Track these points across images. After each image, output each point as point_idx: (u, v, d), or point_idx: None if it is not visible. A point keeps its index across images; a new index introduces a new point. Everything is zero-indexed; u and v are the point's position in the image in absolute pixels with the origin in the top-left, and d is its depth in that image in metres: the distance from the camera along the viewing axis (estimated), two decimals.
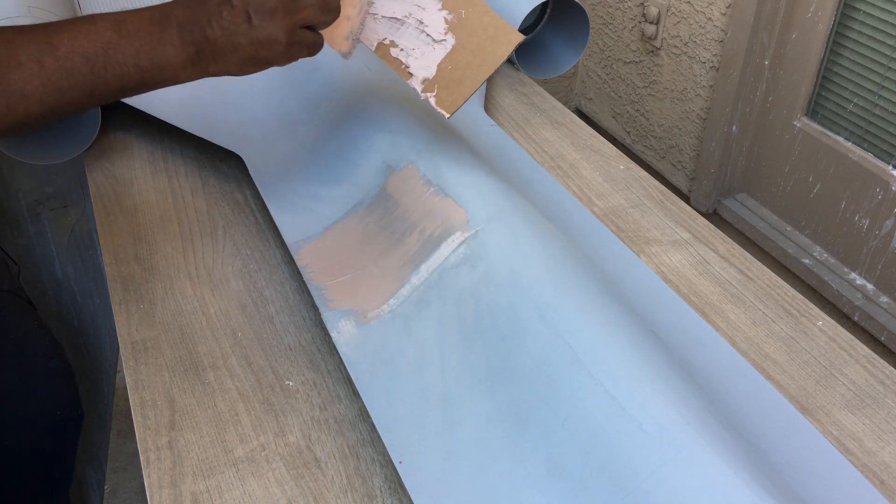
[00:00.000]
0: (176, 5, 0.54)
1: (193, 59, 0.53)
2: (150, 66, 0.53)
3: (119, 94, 0.54)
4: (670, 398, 0.48)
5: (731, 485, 0.44)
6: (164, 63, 0.53)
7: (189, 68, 0.54)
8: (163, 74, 0.54)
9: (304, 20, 0.54)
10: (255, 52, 0.53)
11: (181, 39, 0.53)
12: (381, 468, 0.57)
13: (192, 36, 0.53)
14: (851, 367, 0.64)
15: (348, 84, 0.77)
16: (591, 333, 0.52)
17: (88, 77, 0.52)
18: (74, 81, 0.52)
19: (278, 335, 0.67)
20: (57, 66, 0.51)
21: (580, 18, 1.01)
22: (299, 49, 0.55)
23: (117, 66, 0.52)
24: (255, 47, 0.53)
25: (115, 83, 0.53)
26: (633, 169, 0.87)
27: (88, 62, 0.52)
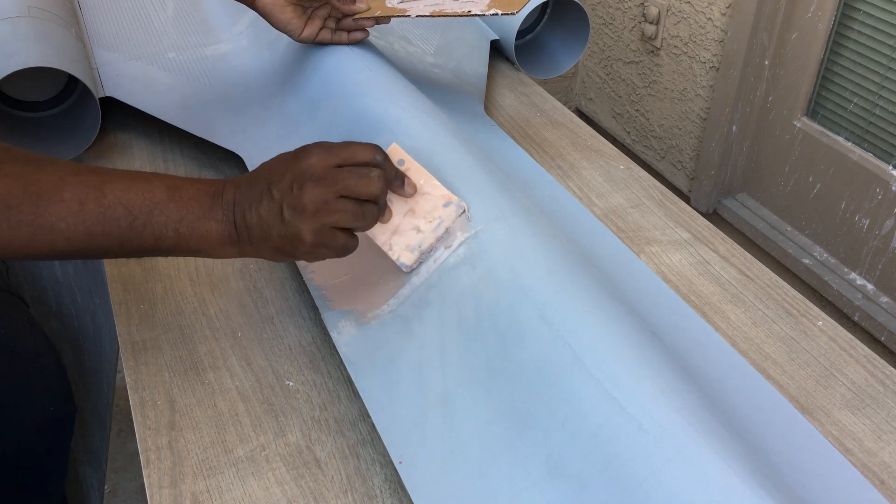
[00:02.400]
0: (230, 185, 0.54)
1: (232, 239, 0.54)
2: (189, 235, 0.53)
3: (150, 252, 0.53)
4: (670, 398, 0.48)
5: (731, 485, 0.44)
6: (204, 236, 0.53)
7: (227, 246, 0.54)
8: (199, 244, 0.54)
9: (335, 223, 0.53)
10: (282, 246, 0.54)
11: (225, 218, 0.53)
12: (381, 468, 0.57)
13: (233, 217, 0.53)
14: (851, 367, 0.64)
15: (348, 84, 0.77)
16: (591, 333, 0.52)
17: (125, 230, 0.52)
18: (109, 231, 0.51)
19: (278, 335, 0.67)
20: (98, 212, 0.51)
21: (580, 18, 1.01)
22: (326, 250, 0.54)
23: (157, 227, 0.52)
24: (283, 241, 0.53)
25: (149, 242, 0.53)
26: (633, 169, 0.87)
27: (130, 216, 0.52)
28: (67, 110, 0.90)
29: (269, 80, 0.87)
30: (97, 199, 0.51)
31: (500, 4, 0.77)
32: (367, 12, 0.80)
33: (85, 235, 0.51)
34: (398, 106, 0.72)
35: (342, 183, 0.53)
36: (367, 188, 0.54)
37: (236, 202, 0.54)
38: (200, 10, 1.04)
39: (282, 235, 0.53)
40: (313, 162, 0.53)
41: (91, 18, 1.00)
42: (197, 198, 0.53)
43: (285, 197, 0.53)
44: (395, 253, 0.59)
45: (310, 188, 0.52)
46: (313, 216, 0.52)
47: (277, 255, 0.55)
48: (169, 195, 0.53)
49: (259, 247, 0.54)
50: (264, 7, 0.77)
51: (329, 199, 0.53)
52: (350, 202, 0.53)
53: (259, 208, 0.53)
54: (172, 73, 0.92)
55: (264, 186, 0.53)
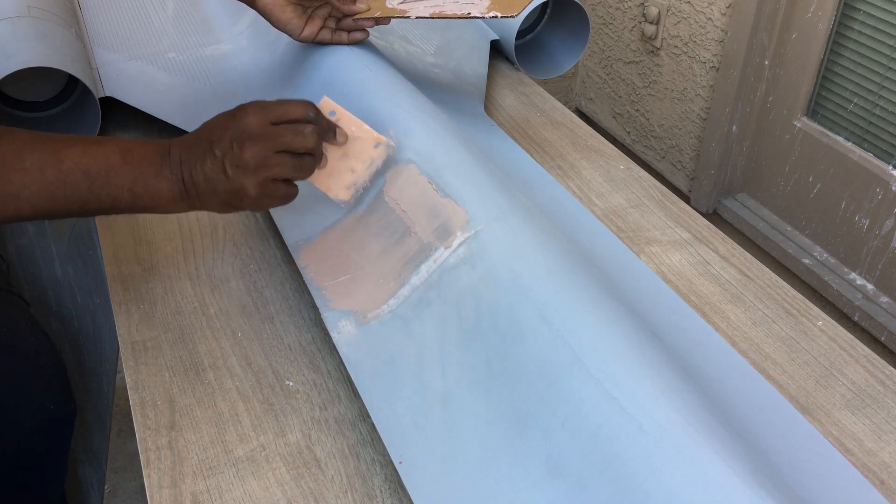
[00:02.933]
0: (176, 144, 0.58)
1: (182, 195, 0.58)
2: (143, 194, 0.57)
3: (108, 211, 0.57)
4: (670, 398, 0.48)
5: (731, 485, 0.44)
6: (157, 193, 0.57)
7: (178, 202, 0.58)
8: (153, 202, 0.58)
9: (275, 175, 0.57)
10: (229, 199, 0.58)
11: (173, 175, 0.57)
12: (381, 468, 0.57)
13: (181, 175, 0.57)
14: (851, 367, 0.64)
15: (348, 84, 0.77)
16: (591, 333, 0.52)
17: (85, 193, 0.55)
18: (70, 194, 0.55)
19: (278, 335, 0.67)
20: (58, 177, 0.54)
21: (580, 18, 1.01)
22: (269, 200, 0.59)
23: (114, 188, 0.56)
24: (228, 195, 0.57)
25: (107, 202, 0.56)
26: (633, 169, 0.87)
27: (88, 179, 0.55)
28: (67, 110, 0.90)
29: (269, 80, 0.87)
30: (56, 164, 0.54)
31: (500, 7, 0.77)
32: (367, 13, 0.80)
33: (48, 200, 0.54)
34: (398, 106, 0.72)
35: (279, 139, 0.57)
36: (302, 142, 0.58)
37: (182, 161, 0.57)
38: (200, 10, 1.04)
39: (227, 190, 0.57)
40: (250, 121, 0.57)
41: (91, 18, 1.00)
42: (148, 158, 0.57)
43: (227, 154, 0.56)
44: (332, 192, 0.64)
45: (249, 146, 0.56)
46: (255, 171, 0.56)
47: (224, 207, 0.59)
48: (123, 157, 0.56)
49: (207, 201, 0.58)
50: (264, 6, 0.77)
51: (268, 155, 0.57)
52: (288, 156, 0.58)
53: (203, 166, 0.57)
54: (172, 73, 0.92)
55: (206, 145, 0.57)
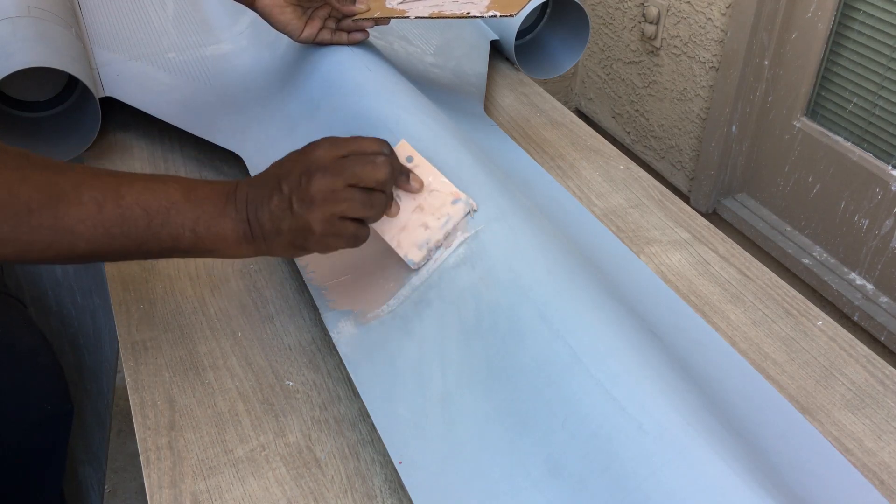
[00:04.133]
0: (243, 184, 0.55)
1: (246, 237, 0.55)
2: (206, 235, 0.54)
3: (168, 252, 0.54)
4: (670, 398, 0.48)
5: (731, 485, 0.44)
6: (220, 234, 0.54)
7: (242, 245, 0.55)
8: (214, 244, 0.54)
9: (343, 212, 0.54)
10: (293, 239, 0.54)
11: (238, 216, 0.54)
12: (381, 468, 0.57)
13: (247, 215, 0.54)
14: (851, 367, 0.64)
15: (348, 84, 0.77)
16: (591, 333, 0.52)
17: (144, 231, 0.52)
18: (128, 231, 0.52)
19: (278, 335, 0.67)
20: (116, 213, 0.52)
21: (580, 18, 1.01)
22: (336, 240, 0.55)
23: (175, 227, 0.53)
24: (293, 234, 0.54)
25: (167, 242, 0.53)
26: (633, 169, 0.87)
27: (148, 216, 0.52)
28: (67, 110, 0.90)
29: (269, 80, 0.87)
30: (115, 200, 0.52)
31: (499, 6, 0.77)
32: (366, 13, 0.80)
33: (104, 237, 0.52)
34: (398, 106, 0.72)
35: (349, 171, 0.53)
36: (373, 174, 0.54)
37: (249, 200, 0.54)
38: (200, 10, 1.04)
39: (292, 228, 0.54)
40: (320, 154, 0.54)
41: (91, 18, 1.00)
42: (211, 198, 0.54)
43: (294, 190, 0.53)
44: (402, 249, 0.59)
45: (317, 179, 0.53)
46: (322, 206, 0.53)
47: (290, 249, 0.55)
48: (184, 196, 0.53)
49: (272, 243, 0.55)
50: (264, 8, 0.77)
51: (336, 189, 0.53)
52: (358, 191, 0.54)
53: (270, 204, 0.54)
54: (172, 73, 0.92)
55: (274, 183, 0.54)
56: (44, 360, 0.85)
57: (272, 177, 0.55)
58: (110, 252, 0.53)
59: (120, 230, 0.52)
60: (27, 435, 0.86)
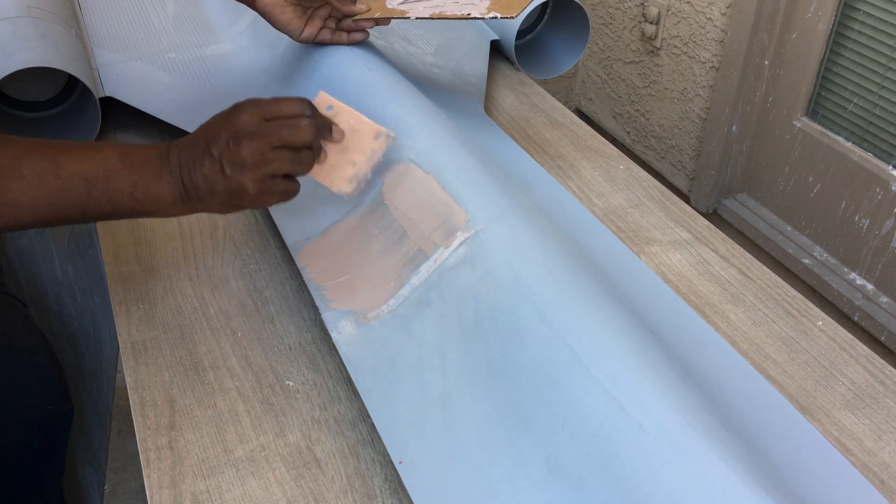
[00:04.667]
0: (175, 147, 0.58)
1: (182, 198, 0.57)
2: (144, 198, 0.56)
3: (108, 216, 0.57)
4: (670, 398, 0.48)
5: (731, 485, 0.44)
6: (157, 197, 0.56)
7: (179, 205, 0.57)
8: (154, 206, 0.57)
9: (274, 171, 0.57)
10: (229, 199, 0.57)
11: (173, 178, 0.57)
12: (381, 468, 0.57)
13: (181, 177, 0.57)
14: (851, 367, 0.64)
15: (348, 84, 0.77)
16: (591, 333, 0.52)
17: (84, 198, 0.55)
18: (70, 200, 0.54)
19: (278, 335, 0.67)
20: (57, 184, 0.54)
21: (580, 18, 1.01)
22: (270, 197, 0.58)
23: (114, 193, 0.55)
24: (228, 194, 0.57)
25: (107, 207, 0.55)
26: (633, 169, 0.87)
27: (87, 185, 0.54)
28: (67, 110, 0.90)
29: (270, 80, 0.87)
30: (54, 171, 0.54)
31: (500, 8, 0.77)
32: (367, 13, 0.80)
33: (47, 207, 0.54)
34: (398, 106, 0.72)
35: (275, 134, 0.56)
36: (298, 136, 0.57)
37: (182, 163, 0.57)
38: (200, 10, 1.04)
39: (226, 190, 0.56)
40: (245, 118, 0.57)
41: (91, 18, 1.00)
42: (147, 162, 0.57)
43: (224, 154, 0.56)
44: (335, 186, 0.63)
45: (246, 143, 0.55)
46: (253, 168, 0.56)
47: (225, 207, 0.58)
48: (121, 162, 0.56)
49: (208, 202, 0.58)
50: (264, 7, 0.77)
51: (265, 151, 0.56)
52: (286, 151, 0.57)
53: (202, 167, 0.56)
54: (172, 73, 0.92)
55: (203, 146, 0.57)
56: (43, 360, 0.85)
57: (201, 140, 0.57)
58: (53, 220, 0.55)
59: (62, 199, 0.54)
60: (27, 435, 0.86)
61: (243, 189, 0.56)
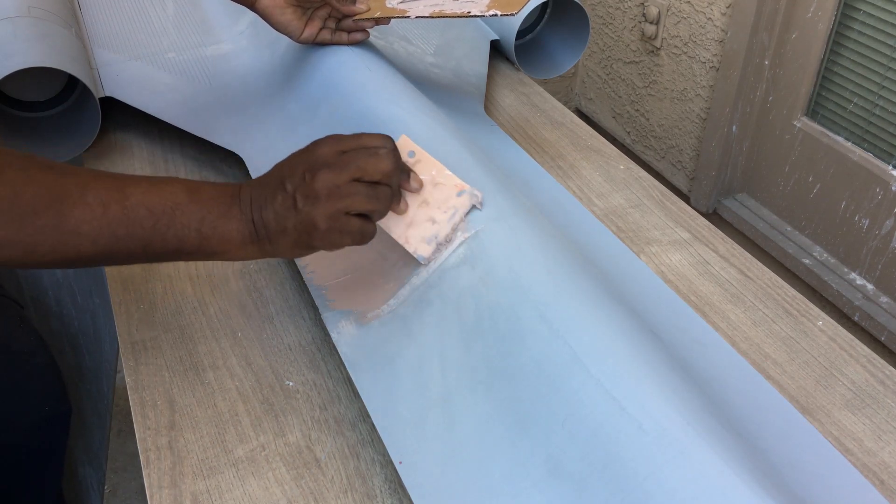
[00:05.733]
0: (246, 186, 0.55)
1: (252, 237, 0.54)
2: (212, 235, 0.53)
3: (174, 255, 0.54)
4: (670, 398, 0.48)
5: (731, 485, 0.44)
6: (225, 236, 0.54)
7: (247, 246, 0.54)
8: (221, 245, 0.54)
9: (348, 207, 0.53)
10: (299, 237, 0.54)
11: (243, 216, 0.54)
12: (381, 468, 0.57)
13: (251, 216, 0.54)
14: (851, 367, 0.64)
15: (348, 84, 0.77)
16: (591, 333, 0.52)
17: (149, 232, 0.52)
18: (133, 232, 0.52)
19: (278, 335, 0.67)
20: (121, 214, 0.51)
21: (580, 18, 1.01)
22: (342, 237, 0.54)
23: (180, 228, 0.53)
24: (298, 232, 0.54)
25: (173, 243, 0.53)
26: (633, 169, 0.87)
27: (153, 217, 0.52)
28: (67, 110, 0.90)
29: (270, 80, 0.87)
30: (120, 201, 0.51)
31: (500, 5, 0.77)
32: (367, 13, 0.80)
33: (109, 238, 0.51)
34: (398, 106, 0.72)
35: (352, 164, 0.53)
36: (377, 166, 0.54)
37: (253, 201, 0.54)
38: (200, 10, 1.04)
39: (297, 226, 0.53)
40: (323, 151, 0.54)
41: (91, 18, 1.00)
42: (216, 199, 0.54)
43: (298, 187, 0.53)
44: (412, 246, 0.58)
45: (321, 175, 0.53)
46: (326, 201, 0.52)
47: (296, 248, 0.55)
48: (189, 196, 0.53)
49: (278, 242, 0.54)
50: (264, 9, 0.77)
51: (340, 183, 0.53)
52: (362, 185, 0.53)
53: (274, 203, 0.53)
54: (172, 73, 0.92)
55: (278, 182, 0.54)
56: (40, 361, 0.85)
57: (275, 177, 0.55)
58: (115, 254, 0.52)
59: (125, 231, 0.51)
60: (26, 436, 0.86)
61: (313, 223, 0.53)
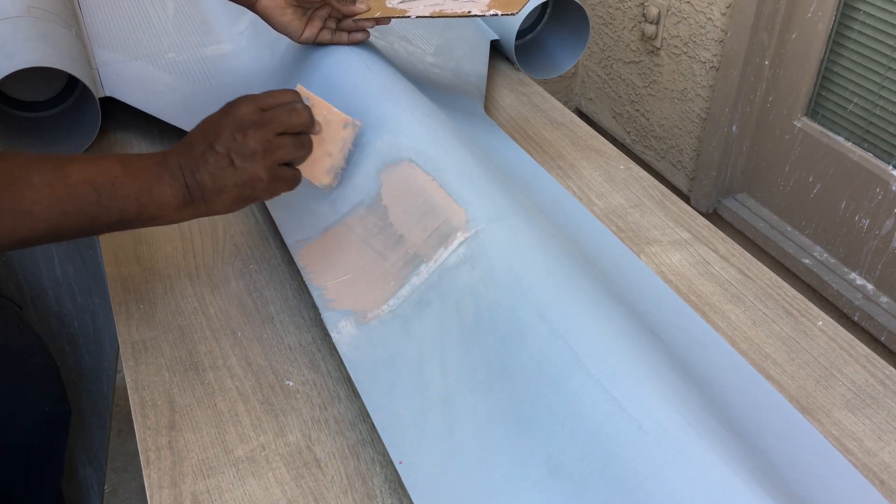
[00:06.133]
0: (171, 152, 0.59)
1: (186, 200, 0.58)
2: (149, 203, 0.57)
3: (117, 225, 0.57)
4: (670, 398, 0.48)
5: (731, 485, 0.44)
6: (162, 201, 0.57)
7: (183, 209, 0.58)
8: (159, 211, 0.57)
9: (281, 158, 0.59)
10: (240, 192, 0.58)
11: (174, 182, 0.57)
12: (381, 468, 0.57)
13: (183, 179, 0.57)
14: (851, 367, 0.64)
15: (348, 84, 0.77)
16: (591, 333, 0.52)
17: (94, 205, 0.55)
18: (80, 208, 0.55)
19: (278, 335, 0.67)
20: (67, 192, 0.54)
21: (580, 18, 1.01)
22: (279, 184, 0.60)
23: (121, 200, 0.56)
24: (240, 188, 0.58)
25: (116, 214, 0.56)
26: (633, 169, 0.87)
27: (96, 192, 0.55)
28: (67, 110, 0.90)
29: (270, 80, 0.87)
30: (63, 180, 0.54)
31: (500, 5, 0.77)
32: (367, 13, 0.80)
33: (60, 216, 0.54)
34: (398, 106, 0.72)
35: (277, 121, 0.59)
36: (298, 119, 0.60)
37: (182, 165, 0.58)
38: (200, 10, 1.04)
39: (238, 183, 0.58)
40: (245, 111, 0.58)
41: (91, 18, 1.00)
42: (147, 168, 0.57)
43: (231, 147, 0.57)
44: (317, 179, 0.65)
45: (252, 133, 0.57)
46: (263, 156, 0.58)
47: (236, 202, 0.59)
48: (124, 169, 0.57)
49: (214, 201, 0.58)
50: (264, 10, 0.77)
51: (270, 138, 0.58)
52: (288, 137, 0.59)
53: (206, 165, 0.57)
54: (172, 73, 0.92)
55: (205, 145, 0.58)
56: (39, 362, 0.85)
57: (201, 140, 0.58)
58: (65, 230, 0.55)
59: (73, 208, 0.54)
60: (25, 436, 0.86)
61: (257, 177, 0.58)
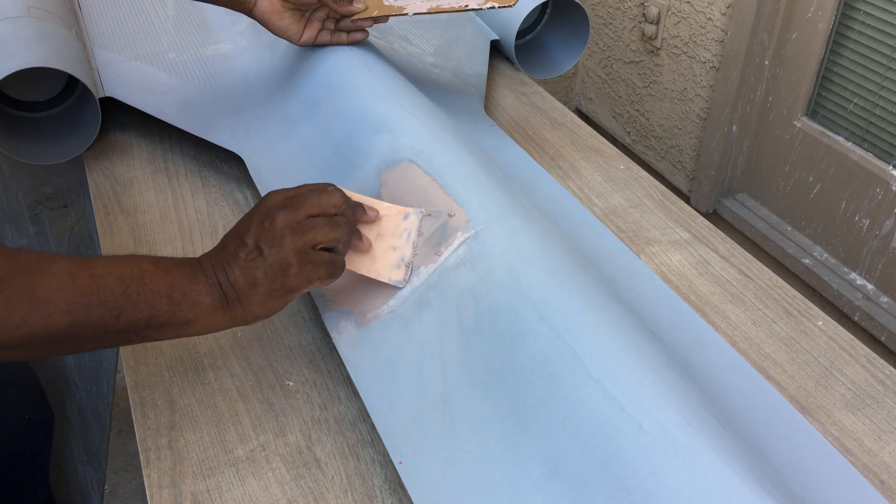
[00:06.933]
0: (205, 254, 0.56)
1: (222, 301, 0.54)
2: (182, 300, 0.53)
3: (145, 324, 0.52)
4: (670, 398, 0.48)
5: (731, 485, 0.44)
6: (195, 300, 0.53)
7: (219, 312, 0.54)
8: (193, 312, 0.53)
9: (312, 239, 0.55)
10: (272, 283, 0.54)
11: (207, 280, 0.54)
12: (381, 468, 0.57)
13: (216, 278, 0.54)
14: (851, 367, 0.64)
15: (348, 84, 0.77)
16: (591, 333, 0.52)
17: (120, 298, 0.50)
18: (105, 299, 0.50)
19: (278, 335, 0.67)
20: (90, 282, 0.50)
21: (580, 18, 1.01)
22: (315, 269, 0.55)
23: (150, 293, 0.51)
24: (271, 278, 0.54)
25: (145, 310, 0.51)
26: (633, 169, 0.87)
27: (123, 284, 0.51)
28: (67, 110, 0.90)
29: (269, 81, 0.87)
30: (86, 270, 0.50)
31: None
32: (364, 12, 0.80)
33: (82, 307, 0.49)
34: (398, 106, 0.72)
35: (306, 202, 0.56)
36: (329, 200, 0.57)
37: (215, 265, 0.55)
38: (200, 10, 1.04)
39: (268, 272, 0.54)
40: (273, 200, 0.56)
41: (91, 18, 1.00)
42: (179, 265, 0.54)
43: (259, 236, 0.54)
44: (384, 276, 0.61)
45: (279, 216, 0.55)
46: (291, 238, 0.54)
47: (270, 300, 0.55)
48: (154, 265, 0.53)
49: (249, 299, 0.54)
50: (262, 15, 0.77)
51: (300, 220, 0.55)
52: (320, 217, 0.56)
53: (238, 260, 0.54)
54: (172, 74, 0.92)
55: (237, 241, 0.55)
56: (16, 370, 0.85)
57: (232, 237, 0.56)
58: (87, 326, 0.50)
59: (97, 298, 0.49)
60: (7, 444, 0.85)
61: (286, 262, 0.54)
